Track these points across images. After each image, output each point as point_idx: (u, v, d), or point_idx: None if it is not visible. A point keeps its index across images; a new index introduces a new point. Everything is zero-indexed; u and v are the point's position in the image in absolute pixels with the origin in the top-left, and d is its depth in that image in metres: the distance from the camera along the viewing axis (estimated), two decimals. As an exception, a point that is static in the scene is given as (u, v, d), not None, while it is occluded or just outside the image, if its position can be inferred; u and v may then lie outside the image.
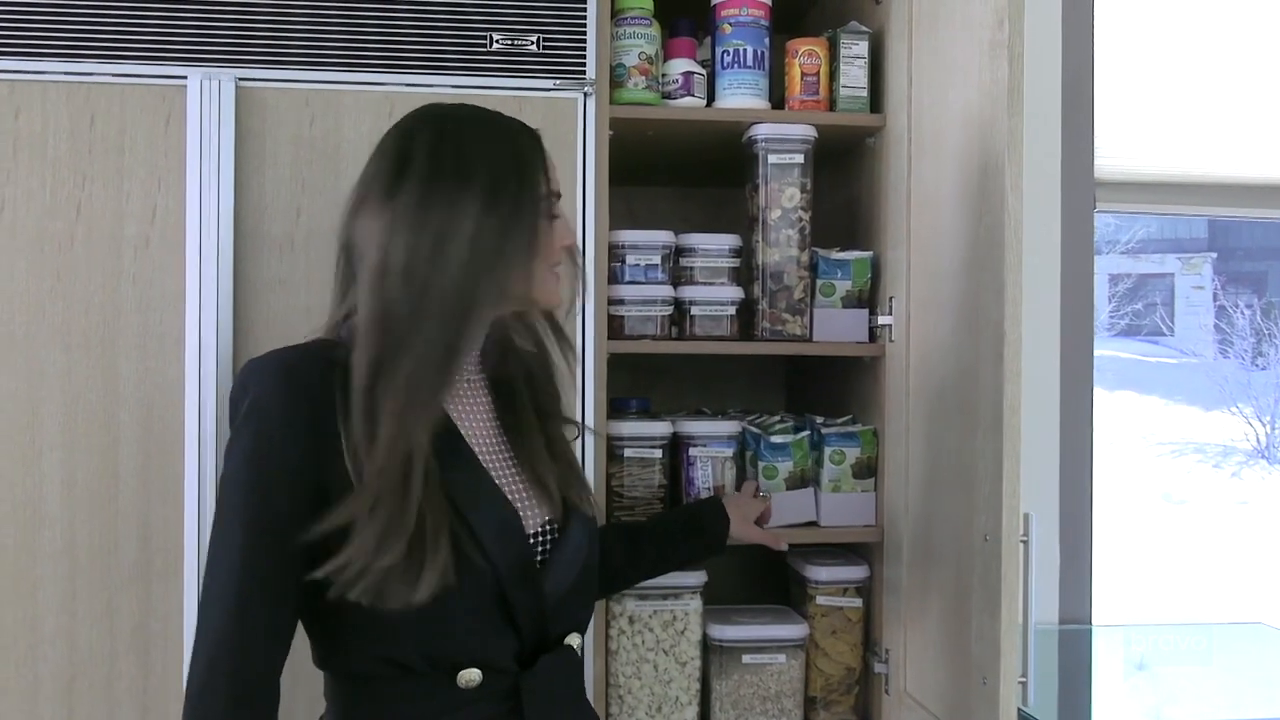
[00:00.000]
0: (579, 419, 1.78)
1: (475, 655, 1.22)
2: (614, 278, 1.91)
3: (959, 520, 1.63)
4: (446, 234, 1.20)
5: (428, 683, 1.22)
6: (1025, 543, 1.49)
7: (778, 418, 2.05)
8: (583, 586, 1.34)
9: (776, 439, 1.96)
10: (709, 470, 1.96)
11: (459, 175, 1.22)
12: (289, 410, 1.17)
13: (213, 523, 1.19)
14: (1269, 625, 2.57)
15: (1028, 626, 1.50)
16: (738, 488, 1.97)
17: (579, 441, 1.77)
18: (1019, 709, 1.50)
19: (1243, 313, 14.32)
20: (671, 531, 1.75)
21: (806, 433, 1.98)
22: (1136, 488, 10.75)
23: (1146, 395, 13.92)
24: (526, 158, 1.29)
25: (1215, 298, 15.65)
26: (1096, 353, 2.50)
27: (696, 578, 1.94)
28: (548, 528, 1.32)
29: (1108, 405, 12.75)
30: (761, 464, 1.95)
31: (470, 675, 1.22)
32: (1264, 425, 12.43)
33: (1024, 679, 1.50)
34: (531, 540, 1.29)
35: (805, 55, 1.98)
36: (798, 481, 1.97)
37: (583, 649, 1.36)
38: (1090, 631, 2.39)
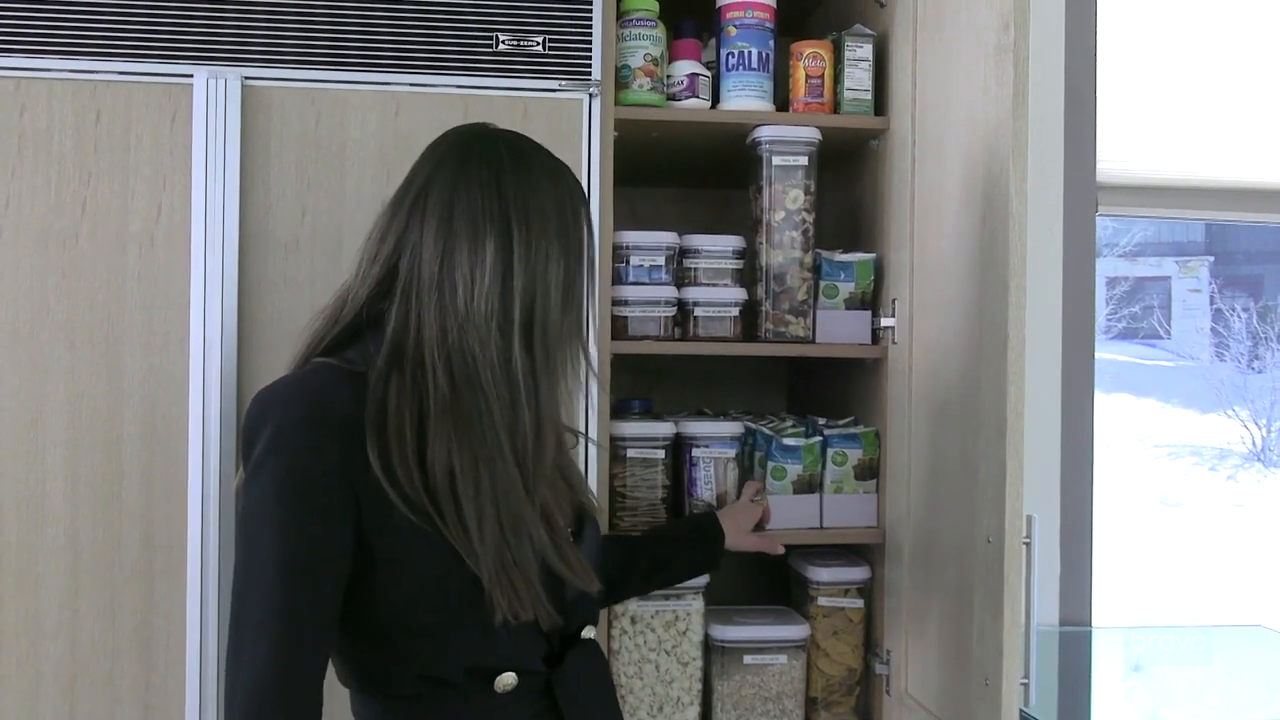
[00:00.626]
0: (583, 420, 1.79)
1: (512, 661, 1.24)
2: (618, 278, 1.92)
3: (961, 522, 1.63)
4: (546, 283, 1.24)
5: (466, 692, 1.23)
6: (1028, 544, 1.50)
7: (789, 422, 2.06)
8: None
9: (789, 441, 1.96)
10: (711, 471, 1.96)
11: (544, 218, 1.25)
12: (319, 439, 1.15)
13: (239, 562, 1.16)
14: (1268, 628, 2.57)
15: (1030, 628, 1.51)
16: (739, 489, 1.98)
17: (583, 445, 1.78)
18: (1020, 710, 1.50)
19: (1239, 316, 14.33)
20: (666, 547, 1.75)
21: (819, 438, 1.99)
22: (1133, 490, 10.76)
23: (1143, 398, 13.93)
24: (583, 204, 1.34)
25: (1212, 301, 15.66)
26: (1094, 356, 2.50)
27: (698, 579, 1.94)
28: (567, 530, 1.34)
29: (1105, 408, 12.73)
30: (771, 464, 1.96)
31: (506, 680, 1.24)
32: (1260, 428, 12.44)
33: (1026, 680, 1.50)
34: None
35: (810, 58, 1.98)
36: (805, 485, 1.97)
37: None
38: (1090, 633, 2.39)
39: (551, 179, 1.29)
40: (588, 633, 1.35)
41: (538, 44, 1.79)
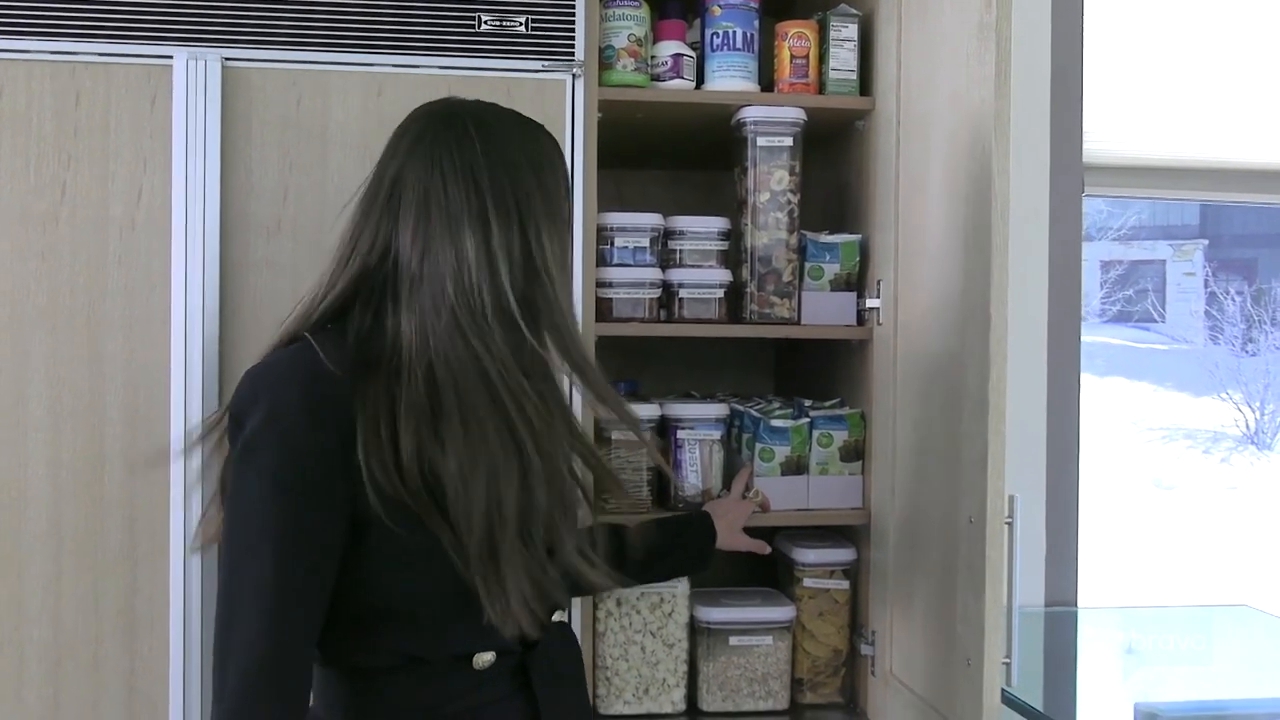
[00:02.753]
0: (567, 402, 1.78)
1: (492, 641, 1.23)
2: (602, 260, 1.91)
3: (945, 502, 1.63)
4: (545, 262, 1.22)
5: (443, 669, 1.23)
6: (1009, 524, 1.50)
7: (776, 404, 2.06)
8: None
9: (777, 423, 1.96)
10: (697, 453, 1.96)
11: (528, 196, 1.23)
12: (315, 419, 1.13)
13: (229, 540, 1.14)
14: (1254, 608, 2.58)
15: (1012, 608, 1.51)
16: (726, 475, 1.98)
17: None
18: (1003, 690, 1.50)
19: (1233, 299, 14.36)
20: (656, 545, 1.72)
21: (807, 420, 1.99)
22: (1127, 473, 10.79)
23: (1137, 381, 13.95)
24: (561, 164, 1.32)
25: (1206, 284, 15.69)
26: (1088, 339, 2.50)
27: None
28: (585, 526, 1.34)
29: (1099, 391, 12.79)
30: (759, 446, 1.96)
31: (485, 657, 1.24)
32: (1254, 411, 12.48)
33: (1008, 660, 1.50)
34: None
35: (795, 38, 1.98)
36: (793, 467, 1.97)
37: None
38: (1076, 614, 2.40)
39: (524, 147, 1.26)
40: (558, 616, 1.34)
41: (520, 24, 1.78)
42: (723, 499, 1.92)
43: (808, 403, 2.04)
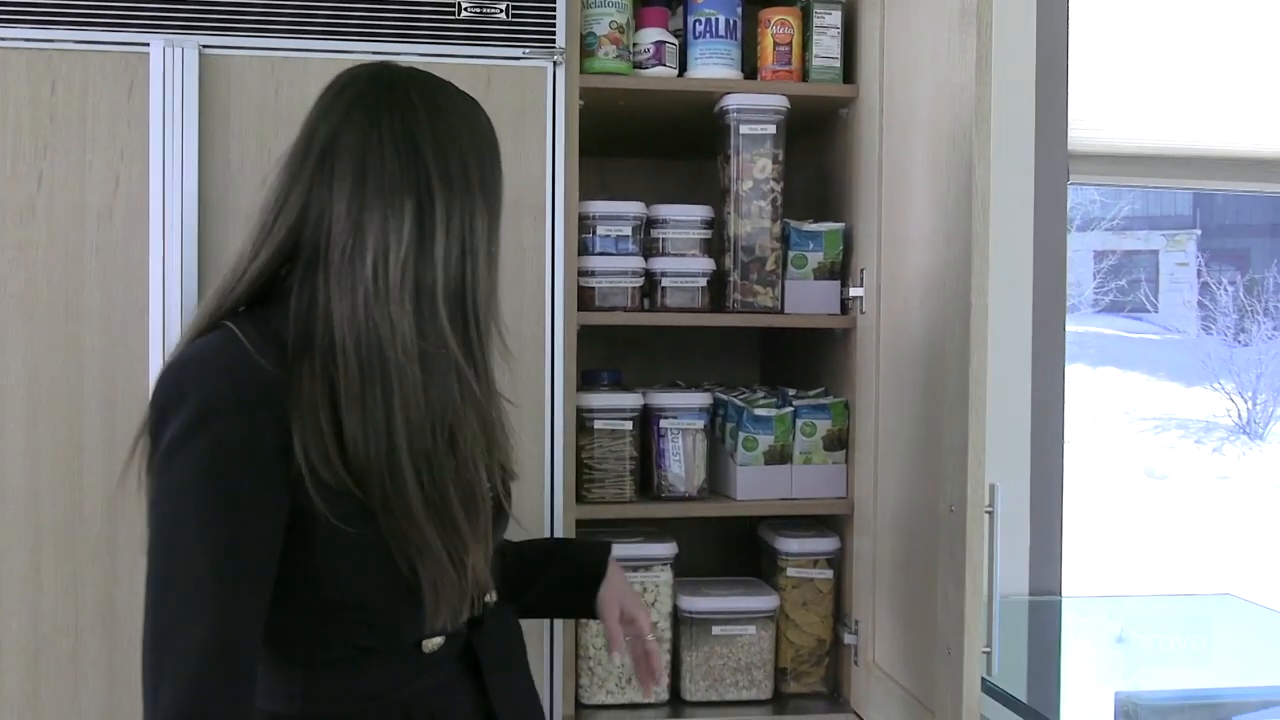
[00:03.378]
0: (548, 391, 1.79)
1: (440, 627, 1.20)
2: (584, 249, 1.90)
3: (927, 491, 1.63)
4: (474, 241, 1.16)
5: (392, 656, 1.21)
6: (990, 513, 1.49)
7: (761, 393, 2.05)
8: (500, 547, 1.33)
9: (760, 412, 1.96)
10: (680, 443, 1.96)
11: (466, 170, 1.17)
12: (247, 413, 1.06)
13: (160, 544, 1.06)
14: (1238, 596, 2.58)
15: (993, 597, 1.50)
16: (709, 464, 1.97)
17: (548, 416, 1.79)
18: (984, 679, 1.50)
19: (1226, 289, 14.36)
20: (545, 562, 1.54)
21: (791, 409, 1.98)
22: (1119, 463, 10.81)
23: (1130, 371, 13.96)
24: (497, 144, 1.25)
25: (1199, 274, 15.68)
26: (1081, 329, 2.51)
27: (667, 549, 1.94)
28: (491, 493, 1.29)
29: (1091, 381, 12.81)
30: (743, 435, 1.95)
31: (434, 641, 1.22)
32: (1246, 401, 12.49)
33: (988, 649, 1.50)
34: None
35: (778, 25, 1.97)
36: (776, 456, 1.96)
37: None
38: (1060, 602, 2.40)
39: (468, 125, 1.20)
40: (489, 597, 1.29)
41: (500, 10, 1.77)
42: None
43: (791, 392, 2.03)
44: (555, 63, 1.79)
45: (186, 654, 1.02)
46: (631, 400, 1.94)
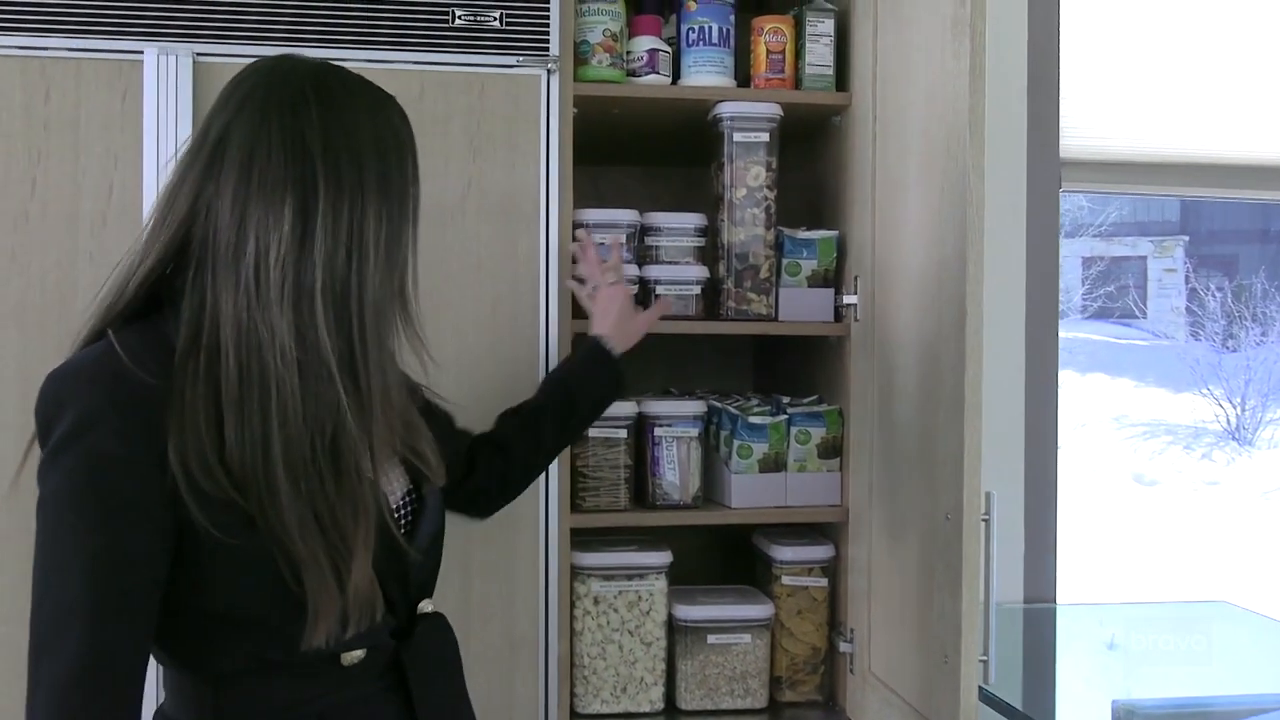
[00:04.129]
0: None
1: (357, 641, 1.16)
2: (578, 257, 1.90)
3: (922, 499, 1.63)
4: (363, 243, 1.11)
5: (308, 667, 1.16)
6: (986, 521, 1.49)
7: (755, 401, 2.05)
8: (434, 553, 1.29)
9: (755, 420, 1.96)
10: (674, 450, 1.95)
11: (360, 169, 1.12)
12: (124, 423, 1.03)
13: (38, 558, 1.03)
14: (1232, 604, 2.59)
15: (989, 605, 1.50)
16: (704, 472, 1.97)
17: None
18: (981, 687, 1.50)
19: (1214, 295, 14.43)
20: (566, 394, 1.66)
21: (785, 417, 1.98)
22: (1107, 470, 10.83)
23: (1118, 377, 14.00)
24: (409, 143, 1.20)
25: (1187, 280, 15.76)
26: (1069, 336, 2.51)
27: (661, 558, 1.94)
28: (407, 499, 1.27)
29: (1080, 387, 12.83)
30: (737, 443, 1.95)
31: (354, 654, 1.17)
32: (1234, 407, 12.53)
33: (985, 657, 1.50)
34: (396, 515, 1.23)
35: (771, 33, 1.97)
36: (771, 464, 1.97)
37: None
38: (1055, 610, 2.40)
39: (370, 118, 1.15)
40: (425, 606, 1.27)
41: (495, 19, 1.77)
42: (604, 315, 1.76)
43: (786, 400, 2.03)
44: (549, 71, 1.79)
45: (56, 674, 1.00)
46: (626, 408, 1.94)
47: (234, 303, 1.06)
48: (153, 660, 1.09)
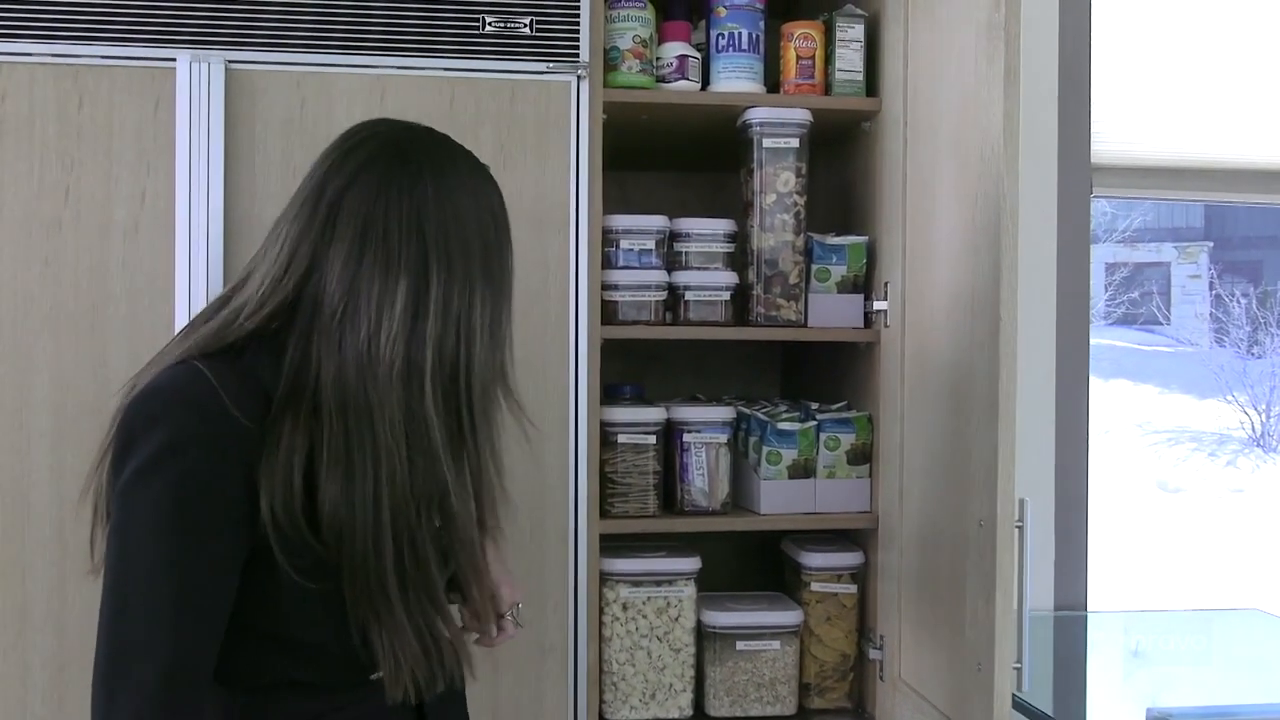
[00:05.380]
0: (571, 406, 1.80)
1: (400, 696, 1.16)
2: (607, 263, 1.90)
3: (954, 506, 1.62)
4: (470, 325, 1.14)
5: (339, 682, 1.19)
6: (1020, 528, 1.49)
7: (783, 407, 2.05)
8: None
9: (784, 426, 1.95)
10: (703, 456, 1.95)
11: (468, 256, 1.15)
12: (219, 447, 1.05)
13: (119, 572, 1.04)
14: (1264, 611, 2.56)
15: (1023, 612, 1.50)
16: (732, 478, 1.97)
17: (572, 430, 1.79)
18: (1014, 695, 1.49)
19: (1239, 301, 14.33)
20: None
21: (814, 423, 1.98)
22: (1132, 476, 10.76)
23: (1142, 384, 13.92)
24: (506, 223, 1.23)
25: (1211, 286, 15.65)
26: (1093, 341, 2.49)
27: (690, 564, 1.93)
28: None
29: (1103, 394, 12.76)
30: (766, 449, 1.95)
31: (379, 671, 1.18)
32: (1259, 414, 12.44)
33: (1019, 665, 1.49)
34: None
35: (800, 39, 1.97)
36: (800, 470, 1.96)
37: None
38: (1086, 618, 2.39)
39: (478, 200, 1.18)
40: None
41: (525, 25, 1.77)
42: None
43: (815, 406, 2.03)
44: (579, 77, 1.79)
45: (140, 687, 1.01)
46: (655, 414, 1.94)
47: (340, 368, 1.09)
48: None
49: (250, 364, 1.11)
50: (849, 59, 1.96)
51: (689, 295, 1.94)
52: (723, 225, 1.97)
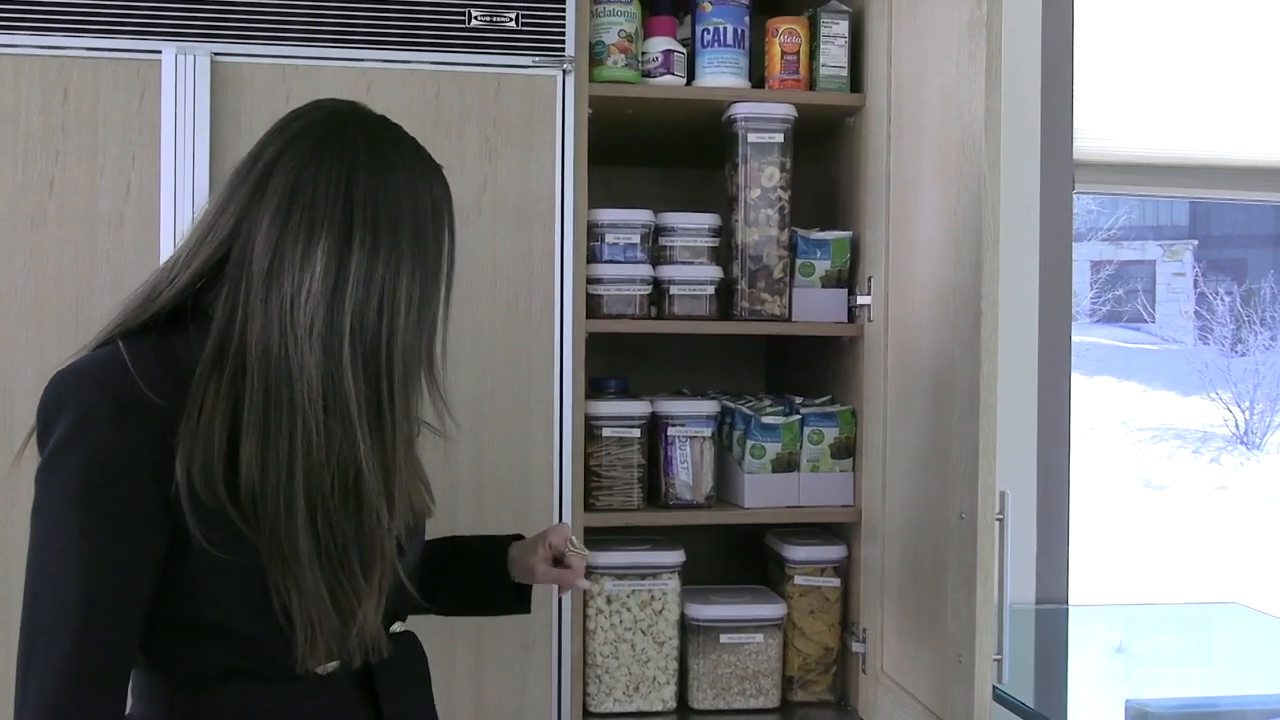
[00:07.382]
0: (556, 399, 1.80)
1: (315, 666, 1.15)
2: (592, 257, 1.91)
3: (936, 499, 1.63)
4: (395, 300, 1.12)
5: (285, 676, 1.16)
6: (1000, 520, 1.50)
7: (767, 401, 2.06)
8: (413, 580, 1.28)
9: (768, 420, 1.96)
10: (688, 450, 1.96)
11: (397, 231, 1.13)
12: (127, 428, 1.04)
13: (33, 556, 1.04)
14: (1243, 605, 2.58)
15: (1003, 605, 1.51)
16: (717, 472, 1.97)
17: (557, 423, 1.80)
18: (994, 687, 1.50)
19: (1223, 299, 14.39)
20: (443, 559, 1.50)
21: (798, 417, 1.99)
22: (1116, 473, 10.81)
23: (1126, 381, 13.98)
24: (448, 218, 1.22)
25: (1196, 284, 15.72)
26: (1078, 339, 2.50)
27: (674, 557, 1.94)
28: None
29: (1088, 391, 12.82)
30: (750, 443, 1.96)
31: (329, 665, 1.17)
32: (1243, 411, 12.50)
33: (999, 657, 1.50)
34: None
35: (785, 34, 1.98)
36: (784, 464, 1.97)
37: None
38: (1067, 611, 2.40)
39: (414, 182, 1.17)
40: (397, 627, 1.27)
41: (510, 19, 1.78)
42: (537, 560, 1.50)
43: (799, 400, 2.04)
44: (565, 71, 1.80)
45: (46, 674, 1.01)
46: (640, 408, 1.94)
47: (264, 327, 1.08)
48: None
49: (171, 340, 1.10)
50: (833, 54, 1.97)
51: (674, 289, 1.94)
52: (707, 220, 1.98)
